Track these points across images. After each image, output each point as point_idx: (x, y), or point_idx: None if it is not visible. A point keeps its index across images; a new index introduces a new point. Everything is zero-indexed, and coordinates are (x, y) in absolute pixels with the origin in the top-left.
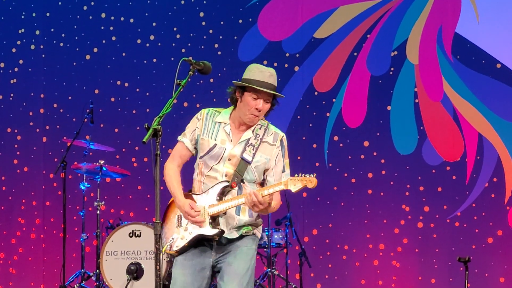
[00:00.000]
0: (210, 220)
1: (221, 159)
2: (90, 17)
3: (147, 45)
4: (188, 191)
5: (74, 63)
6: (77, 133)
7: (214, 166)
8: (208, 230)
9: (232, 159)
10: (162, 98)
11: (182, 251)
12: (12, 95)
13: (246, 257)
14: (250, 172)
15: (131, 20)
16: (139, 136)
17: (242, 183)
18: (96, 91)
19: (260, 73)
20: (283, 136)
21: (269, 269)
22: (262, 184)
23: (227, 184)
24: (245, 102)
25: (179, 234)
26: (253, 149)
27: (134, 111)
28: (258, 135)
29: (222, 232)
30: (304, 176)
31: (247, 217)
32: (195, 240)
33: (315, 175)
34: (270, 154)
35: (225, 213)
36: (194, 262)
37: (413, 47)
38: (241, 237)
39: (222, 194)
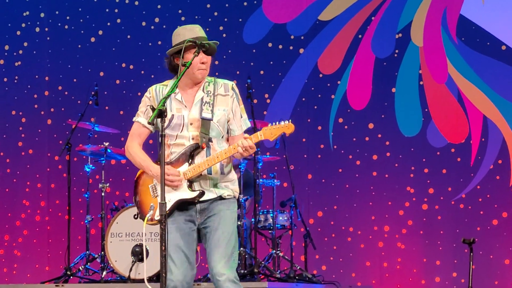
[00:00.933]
0: (188, 183)
1: (183, 126)
2: (95, 0)
3: (152, 27)
4: (156, 161)
5: (79, 46)
6: (82, 115)
7: (178, 134)
8: (188, 194)
9: (194, 122)
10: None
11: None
12: (16, 77)
13: (230, 221)
14: (214, 128)
15: (136, 3)
16: None
17: (210, 143)
18: (101, 74)
19: (191, 31)
20: (233, 84)
21: (274, 251)
22: (227, 138)
23: (196, 146)
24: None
25: (156, 204)
26: (209, 106)
27: (139, 93)
28: (209, 92)
29: (203, 192)
30: (278, 123)
31: (219, 175)
32: (176, 206)
33: (290, 120)
34: (226, 105)
35: (200, 175)
36: (183, 227)
37: (418, 29)
38: (222, 198)
39: (192, 157)
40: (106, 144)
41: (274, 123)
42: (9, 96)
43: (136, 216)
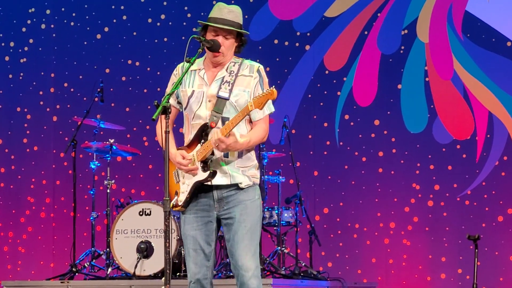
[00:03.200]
0: (202, 165)
1: (201, 103)
2: None
3: (158, 24)
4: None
5: (85, 43)
6: (88, 112)
7: (196, 111)
8: (200, 175)
9: (212, 100)
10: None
11: (186, 204)
12: (22, 74)
13: (252, 211)
14: (231, 109)
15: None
16: (150, 115)
17: (226, 122)
18: (107, 71)
19: (219, 11)
20: (259, 66)
21: (279, 248)
22: (250, 120)
23: (206, 125)
24: None
25: (179, 190)
26: (229, 85)
27: (145, 90)
28: (232, 72)
29: (214, 172)
30: (263, 92)
31: (235, 158)
32: (194, 189)
33: (274, 86)
34: (248, 86)
35: (213, 154)
36: (200, 217)
37: (424, 25)
38: (240, 188)
39: (205, 136)
40: (112, 141)
41: (258, 94)
42: (14, 93)
43: (141, 213)
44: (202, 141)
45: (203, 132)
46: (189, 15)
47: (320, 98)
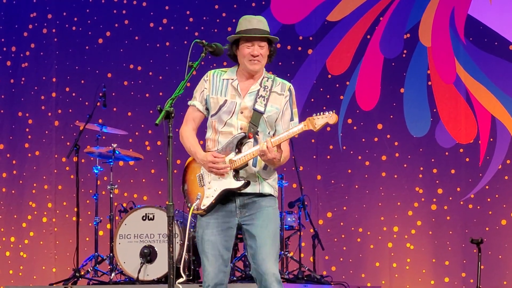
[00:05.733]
0: (233, 173)
1: (233, 113)
2: (103, 1)
3: (160, 28)
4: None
5: (87, 47)
6: (90, 117)
7: (228, 120)
8: (233, 183)
9: (244, 111)
10: (175, 82)
11: (210, 209)
12: (23, 79)
13: (274, 218)
14: (262, 123)
15: (144, 4)
16: (152, 119)
17: (256, 135)
18: (109, 75)
19: (248, 22)
20: (290, 86)
21: (282, 252)
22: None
23: (244, 135)
24: (241, 54)
25: (203, 193)
26: (264, 100)
27: (147, 95)
28: (266, 87)
29: (248, 182)
30: (323, 113)
31: (261, 169)
32: (221, 196)
33: (334, 111)
34: (279, 104)
35: (246, 165)
36: (220, 222)
37: (426, 29)
38: (262, 195)
39: (241, 145)
40: (114, 145)
41: (317, 114)
42: (16, 97)
43: (144, 218)
44: (237, 150)
45: (239, 142)
46: (191, 19)
47: (323, 102)
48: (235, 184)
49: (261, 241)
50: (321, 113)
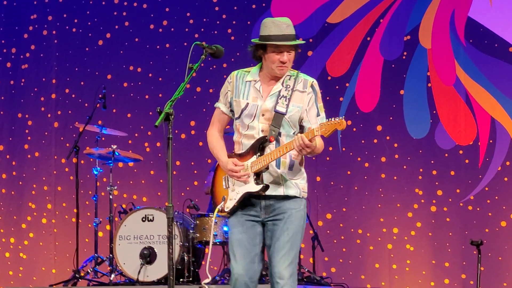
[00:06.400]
0: (255, 177)
1: (255, 116)
2: (103, 3)
3: (160, 30)
4: (231, 153)
5: (87, 49)
6: (90, 118)
7: (249, 124)
8: (253, 187)
9: (266, 114)
10: (175, 83)
11: (233, 211)
12: (23, 80)
13: (296, 221)
14: (285, 124)
15: (144, 6)
16: (152, 121)
17: (279, 137)
18: (109, 77)
19: (277, 27)
20: (313, 81)
21: None
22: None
23: (264, 138)
24: (269, 59)
25: (227, 195)
26: (285, 100)
27: (146, 96)
28: (288, 86)
29: (267, 186)
30: (333, 119)
31: (286, 170)
32: (243, 198)
33: (343, 117)
34: (302, 102)
35: (267, 168)
36: (245, 220)
37: (426, 31)
38: (288, 197)
39: (262, 149)
40: (114, 147)
41: (328, 119)
42: (16, 99)
43: (144, 219)
44: (258, 154)
45: (260, 145)
46: (191, 21)
47: (323, 104)
48: (255, 188)
49: (279, 244)
50: (331, 118)
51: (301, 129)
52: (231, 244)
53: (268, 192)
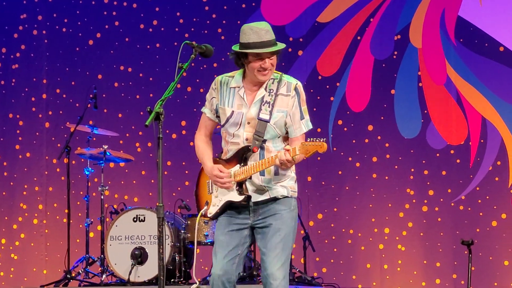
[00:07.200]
0: (237, 187)
1: (240, 124)
2: (93, 2)
3: (150, 30)
4: (217, 157)
5: (77, 49)
6: (81, 118)
7: (235, 132)
8: (235, 196)
9: (251, 122)
10: (165, 83)
11: (215, 217)
12: (14, 80)
13: (288, 221)
14: (270, 130)
15: (134, 5)
16: (143, 121)
17: (264, 144)
18: (99, 76)
19: (256, 34)
20: (297, 84)
21: None
22: (286, 138)
23: (247, 148)
24: (251, 66)
25: (211, 201)
26: (269, 106)
27: (137, 96)
28: (272, 90)
29: (249, 197)
30: (315, 140)
31: (272, 176)
32: (225, 206)
33: (325, 139)
34: (286, 106)
35: (250, 177)
36: (232, 222)
37: (416, 30)
38: (277, 199)
39: (245, 159)
40: (105, 147)
41: (310, 139)
42: (6, 99)
43: (135, 219)
44: (242, 164)
45: (243, 155)
46: (181, 21)
47: (313, 104)
48: (238, 198)
49: (271, 245)
50: (314, 139)
51: (286, 133)
52: (214, 244)
53: (254, 199)
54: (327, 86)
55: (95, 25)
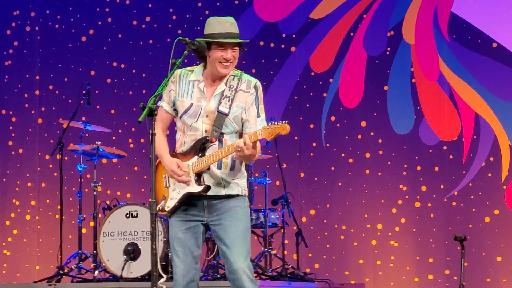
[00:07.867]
0: (196, 178)
1: (199, 116)
2: None
3: (143, 26)
4: (172, 151)
5: (70, 45)
6: (74, 114)
7: (193, 124)
8: (194, 188)
9: (210, 115)
10: (158, 79)
11: (173, 211)
12: (7, 77)
13: (243, 217)
14: (228, 124)
15: (127, 2)
16: (136, 117)
17: (222, 137)
18: (92, 73)
19: (221, 25)
20: (256, 82)
21: (266, 249)
22: (241, 134)
23: (206, 139)
24: (213, 57)
25: (168, 195)
26: (228, 101)
27: (130, 92)
28: (232, 86)
29: (208, 187)
30: (277, 123)
31: (228, 170)
32: (184, 198)
33: (287, 121)
34: (244, 102)
35: (208, 169)
36: (187, 220)
37: (409, 27)
38: (230, 196)
39: (203, 150)
40: (98, 143)
41: (271, 123)
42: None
43: (128, 215)
44: (200, 154)
45: (201, 145)
46: (174, 17)
47: (306, 100)
48: (197, 189)
49: (230, 241)
50: (275, 122)
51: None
52: (172, 243)
53: (210, 193)
54: (320, 82)
55: (88, 22)
